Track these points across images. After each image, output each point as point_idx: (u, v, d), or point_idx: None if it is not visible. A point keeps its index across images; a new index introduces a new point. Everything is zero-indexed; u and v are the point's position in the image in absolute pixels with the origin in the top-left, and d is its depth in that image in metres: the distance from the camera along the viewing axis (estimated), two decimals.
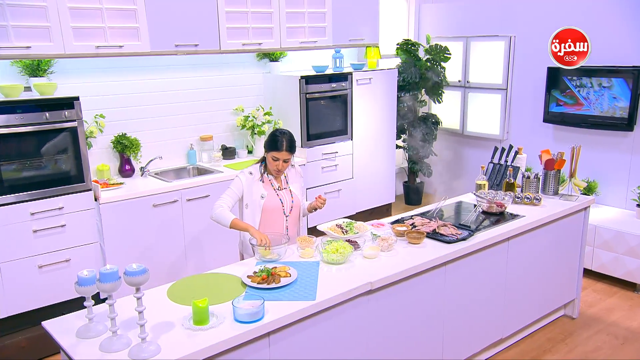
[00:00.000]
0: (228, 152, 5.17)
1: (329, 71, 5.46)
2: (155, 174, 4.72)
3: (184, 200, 4.43)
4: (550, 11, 5.48)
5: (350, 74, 5.44)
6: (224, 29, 4.71)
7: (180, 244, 4.45)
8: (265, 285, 2.67)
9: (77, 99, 3.88)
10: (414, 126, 6.34)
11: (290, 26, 5.17)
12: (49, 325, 2.41)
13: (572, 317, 4.30)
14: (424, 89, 6.39)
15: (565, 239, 4.01)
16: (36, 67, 4.07)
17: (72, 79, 4.36)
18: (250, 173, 3.32)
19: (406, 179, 6.83)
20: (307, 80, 5.13)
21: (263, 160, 3.36)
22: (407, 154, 6.61)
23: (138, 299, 2.14)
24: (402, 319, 2.99)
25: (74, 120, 3.87)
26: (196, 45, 4.58)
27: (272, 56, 5.45)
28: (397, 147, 6.35)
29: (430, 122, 6.39)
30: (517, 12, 5.79)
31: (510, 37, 5.86)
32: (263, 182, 3.31)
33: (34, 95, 3.90)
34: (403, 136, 6.58)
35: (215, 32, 4.68)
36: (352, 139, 5.55)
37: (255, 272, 2.80)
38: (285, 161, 3.23)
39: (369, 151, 5.73)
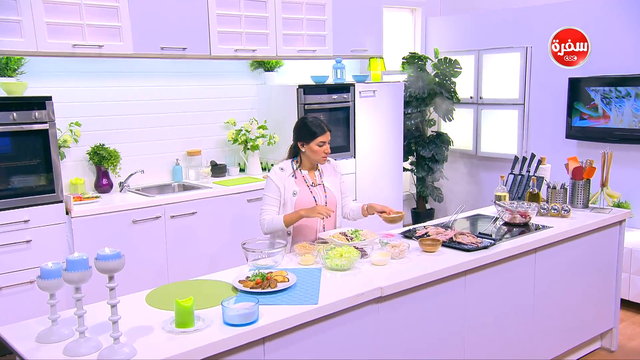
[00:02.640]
0: (218, 169, 5.06)
1: (329, 82, 5.41)
2: (135, 190, 4.59)
3: (168, 216, 4.29)
4: (568, 18, 5.48)
5: (353, 85, 5.39)
6: (214, 33, 4.69)
7: (163, 265, 4.28)
8: (259, 290, 2.52)
9: (49, 98, 3.79)
10: (423, 146, 6.26)
11: (287, 33, 5.15)
12: (5, 330, 2.24)
13: (611, 349, 4.11)
14: (432, 107, 6.34)
15: (599, 255, 3.86)
16: (4, 66, 4.00)
17: (45, 81, 4.28)
18: (282, 169, 3.34)
19: (415, 206, 6.70)
20: (305, 90, 5.07)
21: (295, 156, 3.39)
22: (415, 177, 6.51)
23: (111, 289, 1.98)
24: (415, 333, 2.82)
25: (45, 122, 3.77)
26: (184, 48, 4.54)
27: (267, 65, 5.41)
28: (404, 169, 6.25)
29: (440, 142, 6.31)
30: (533, 21, 5.80)
31: (526, 47, 5.85)
32: (295, 178, 3.33)
33: (1, 95, 3.81)
34: (411, 158, 6.49)
35: (205, 36, 4.65)
36: (354, 157, 5.46)
37: (248, 277, 2.65)
38: (329, 144, 3.30)
39: (373, 171, 5.62)
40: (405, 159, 6.32)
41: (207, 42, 4.67)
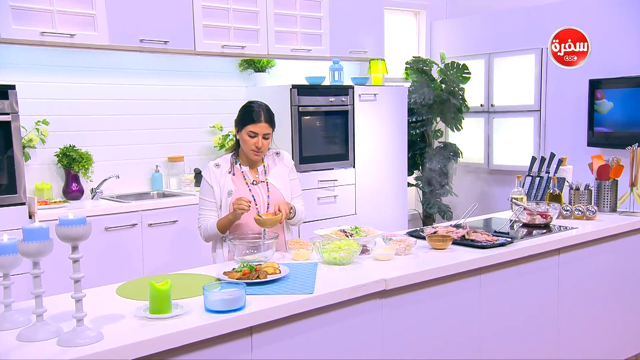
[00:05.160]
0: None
1: (325, 83, 5.37)
2: (109, 197, 4.50)
3: (145, 224, 4.19)
4: (584, 16, 5.49)
5: (352, 87, 5.35)
6: (199, 26, 4.66)
7: (139, 276, 4.15)
8: (247, 281, 2.41)
9: (12, 87, 3.73)
10: (429, 159, 6.20)
11: (279, 30, 5.14)
12: None
13: None
14: (438, 116, 6.30)
15: (632, 264, 3.78)
16: None
17: (9, 74, 4.20)
18: (217, 165, 3.16)
19: (421, 225, 6.60)
20: (300, 90, 5.02)
21: (236, 149, 3.21)
22: (420, 193, 6.43)
23: (75, 261, 1.88)
24: (424, 335, 2.72)
25: (7, 114, 3.70)
26: (166, 42, 4.51)
27: (257, 65, 5.37)
28: (409, 184, 6.17)
29: (449, 154, 6.26)
30: (547, 20, 5.81)
31: (541, 49, 5.85)
32: (234, 174, 3.13)
33: None
34: (416, 172, 6.42)
35: (190, 29, 4.63)
36: (354, 166, 5.38)
37: (234, 269, 2.55)
38: (265, 137, 3.05)
39: (375, 183, 5.54)
40: (410, 172, 6.25)
41: (191, 36, 4.64)
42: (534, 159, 4.23)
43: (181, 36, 4.59)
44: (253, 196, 3.10)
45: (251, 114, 3.04)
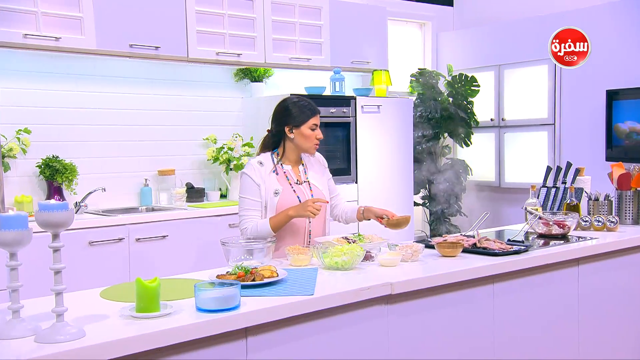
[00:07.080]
0: (195, 193, 4.95)
1: (326, 93, 5.38)
2: (95, 212, 4.47)
3: (132, 239, 4.15)
4: (597, 24, 5.52)
5: (354, 98, 5.36)
6: (193, 32, 4.69)
7: None
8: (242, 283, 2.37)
9: None
10: (436, 176, 6.18)
11: (277, 38, 5.17)
12: None
13: None
14: (446, 132, 6.30)
15: None
16: None
17: None
18: (260, 163, 3.18)
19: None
20: None
21: (274, 148, 3.25)
22: (427, 213, 6.39)
23: (55, 250, 1.84)
24: (433, 345, 2.67)
25: None
26: (157, 48, 4.53)
27: (254, 75, 5.38)
28: (415, 204, 6.14)
29: (457, 172, 6.24)
30: (560, 27, 5.84)
31: None
32: (277, 174, 3.18)
33: None
34: (423, 191, 6.40)
35: (182, 35, 4.65)
36: (356, 182, 5.37)
37: (228, 272, 2.50)
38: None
39: (379, 200, 5.48)
40: (417, 191, 6.22)
41: (184, 41, 4.67)
42: (549, 169, 4.21)
43: (173, 42, 4.61)
44: (298, 196, 3.15)
45: (310, 107, 3.18)
